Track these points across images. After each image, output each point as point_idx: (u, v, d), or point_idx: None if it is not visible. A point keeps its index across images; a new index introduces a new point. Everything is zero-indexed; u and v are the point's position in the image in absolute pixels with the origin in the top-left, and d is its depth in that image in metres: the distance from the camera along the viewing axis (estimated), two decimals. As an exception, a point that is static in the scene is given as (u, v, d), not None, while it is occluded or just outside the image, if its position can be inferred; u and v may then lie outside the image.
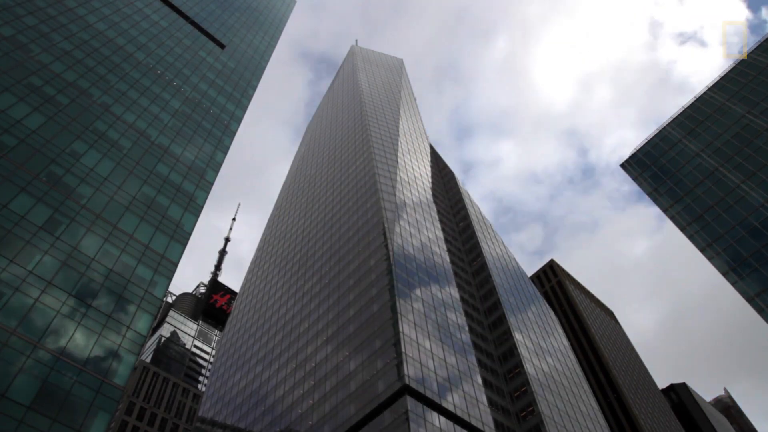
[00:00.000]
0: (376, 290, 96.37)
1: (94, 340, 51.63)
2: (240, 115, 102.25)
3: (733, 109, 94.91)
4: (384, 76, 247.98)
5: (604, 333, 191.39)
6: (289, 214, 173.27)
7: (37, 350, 47.38)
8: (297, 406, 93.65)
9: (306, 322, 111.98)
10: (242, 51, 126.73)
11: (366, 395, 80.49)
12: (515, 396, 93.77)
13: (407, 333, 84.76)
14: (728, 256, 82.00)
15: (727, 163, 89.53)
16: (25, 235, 53.92)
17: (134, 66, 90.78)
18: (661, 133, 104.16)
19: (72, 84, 75.58)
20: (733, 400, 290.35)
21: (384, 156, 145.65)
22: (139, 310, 57.11)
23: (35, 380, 46.06)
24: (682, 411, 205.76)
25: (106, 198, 64.75)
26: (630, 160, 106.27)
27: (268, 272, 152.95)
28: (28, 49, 74.37)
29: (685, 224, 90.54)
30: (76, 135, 68.67)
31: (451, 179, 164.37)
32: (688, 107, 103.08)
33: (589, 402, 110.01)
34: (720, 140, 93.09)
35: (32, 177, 59.33)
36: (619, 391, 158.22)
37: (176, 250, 66.69)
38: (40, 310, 50.07)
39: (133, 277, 59.38)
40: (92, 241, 59.02)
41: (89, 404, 47.68)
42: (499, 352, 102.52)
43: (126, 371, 52.28)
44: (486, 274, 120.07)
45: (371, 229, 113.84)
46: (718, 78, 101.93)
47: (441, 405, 77.74)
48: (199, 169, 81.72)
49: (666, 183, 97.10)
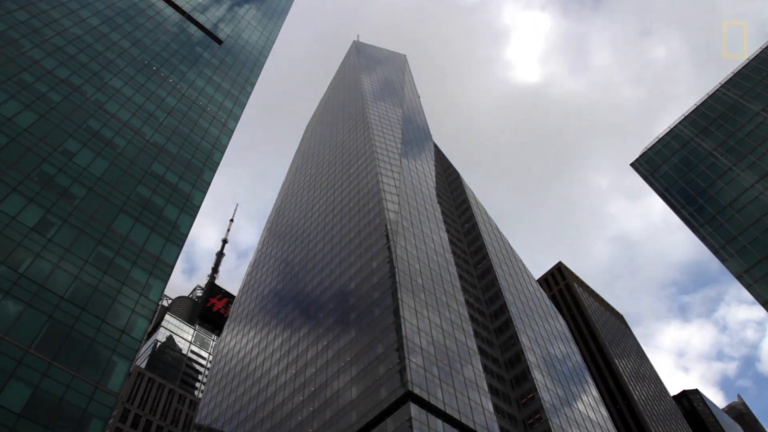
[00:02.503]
0: (378, 294, 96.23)
1: (87, 345, 51.52)
2: (238, 113, 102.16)
3: (747, 107, 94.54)
4: (386, 73, 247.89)
5: (614, 338, 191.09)
6: (289, 214, 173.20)
7: (29, 356, 47.27)
8: (297, 413, 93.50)
9: (306, 327, 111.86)
10: (240, 47, 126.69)
11: (368, 402, 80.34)
12: (522, 403, 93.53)
13: (410, 338, 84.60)
14: (742, 258, 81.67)
15: (740, 162, 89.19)
16: (16, 236, 53.83)
17: (129, 62, 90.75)
18: (672, 132, 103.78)
19: (64, 81, 75.53)
20: (747, 406, 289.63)
21: (386, 155, 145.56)
22: (133, 314, 56.98)
23: (26, 386, 45.94)
24: (694, 418, 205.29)
25: (99, 198, 64.66)
26: (641, 159, 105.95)
27: (266, 275, 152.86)
28: (19, 45, 74.34)
29: (698, 225, 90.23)
30: (68, 133, 68.61)
31: (455, 179, 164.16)
32: (700, 105, 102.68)
33: (598, 409, 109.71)
34: (733, 139, 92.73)
35: (24, 177, 59.26)
36: (629, 397, 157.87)
37: (172, 252, 66.57)
38: (33, 315, 49.94)
39: (128, 280, 59.28)
40: (85, 242, 58.92)
41: (82, 411, 47.55)
42: (506, 357, 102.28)
43: (120, 377, 52.12)
44: (492, 277, 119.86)
45: (373, 231, 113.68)
46: (732, 75, 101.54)
47: (445, 412, 77.59)
48: (196, 169, 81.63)
49: (678, 183, 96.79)
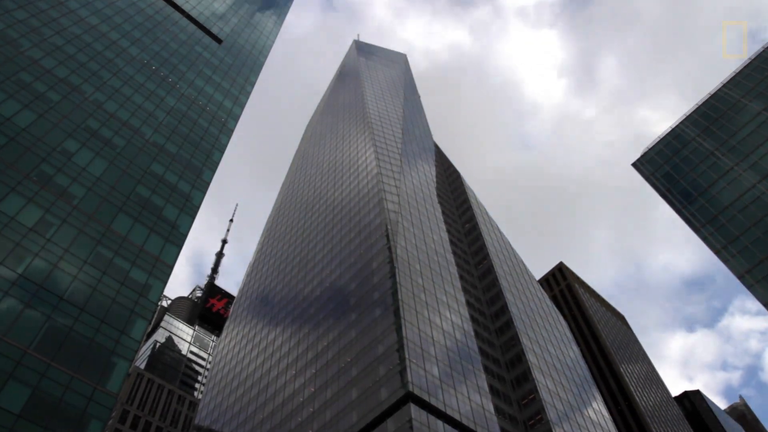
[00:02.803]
0: (379, 294, 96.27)
1: (86, 346, 51.59)
2: (238, 113, 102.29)
3: (749, 106, 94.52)
4: (387, 72, 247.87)
5: (615, 338, 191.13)
6: (289, 214, 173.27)
7: (28, 356, 47.34)
8: (297, 414, 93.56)
9: (306, 327, 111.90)
10: (240, 46, 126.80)
11: (368, 403, 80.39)
12: (523, 404, 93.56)
13: (411, 338, 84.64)
14: (744, 259, 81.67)
15: (742, 162, 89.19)
16: (15, 237, 53.91)
17: (128, 62, 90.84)
18: (674, 131, 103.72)
19: (63, 80, 75.62)
20: (749, 407, 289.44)
21: (387, 155, 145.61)
22: (133, 315, 57.06)
23: (25, 387, 46.02)
24: (695, 419, 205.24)
25: (99, 198, 64.75)
26: (642, 159, 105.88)
27: (266, 275, 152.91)
28: (18, 44, 74.44)
29: (699, 225, 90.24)
30: (67, 133, 68.69)
31: (456, 179, 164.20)
32: (702, 104, 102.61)
33: (599, 409, 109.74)
34: (735, 138, 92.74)
35: (22, 177, 59.34)
36: (630, 398, 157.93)
37: (171, 252, 66.68)
38: (31, 316, 50.04)
39: (127, 280, 59.36)
40: (85, 243, 59.00)
41: (81, 412, 47.64)
42: (507, 358, 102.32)
43: (119, 378, 52.21)
44: (493, 278, 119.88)
45: (374, 231, 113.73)
46: (734, 74, 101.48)
47: (446, 413, 77.61)
48: (196, 169, 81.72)
49: (679, 183, 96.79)
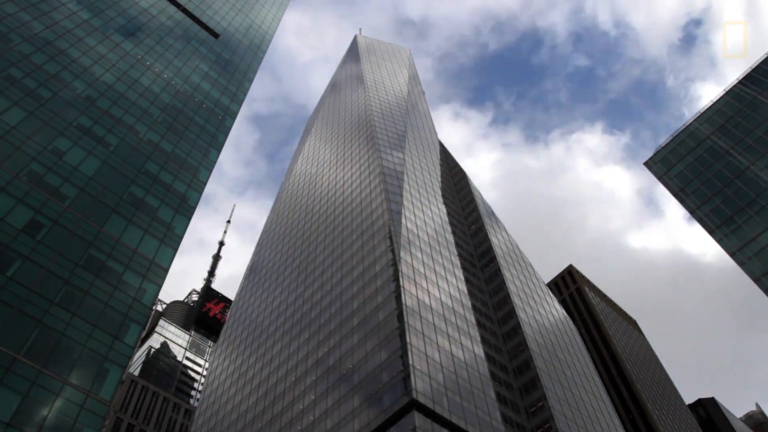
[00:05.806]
0: (382, 298, 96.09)
1: (78, 352, 51.43)
2: (235, 110, 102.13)
3: (765, 104, 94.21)
4: (390, 68, 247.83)
5: (627, 344, 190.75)
6: (289, 216, 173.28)
7: (18, 362, 47.20)
8: (297, 421, 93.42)
9: (306, 332, 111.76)
10: (238, 41, 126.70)
11: (370, 411, 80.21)
12: (531, 412, 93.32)
13: (415, 344, 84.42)
14: (760, 261, 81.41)
15: (759, 161, 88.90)
16: (5, 238, 53.77)
17: (121, 57, 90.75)
18: (687, 129, 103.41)
19: (54, 76, 75.51)
20: (765, 415, 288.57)
21: (390, 154, 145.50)
22: (126, 320, 56.85)
23: (15, 395, 45.85)
24: (710, 427, 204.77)
25: (91, 199, 64.59)
26: (654, 158, 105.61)
27: (265, 278, 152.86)
28: (7, 39, 74.35)
29: (713, 227, 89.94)
30: (58, 131, 68.57)
31: (462, 179, 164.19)
32: (717, 101, 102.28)
33: (610, 417, 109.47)
34: (751, 137, 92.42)
35: (12, 176, 59.20)
36: (642, 405, 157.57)
37: (167, 254, 66.47)
38: (21, 320, 49.89)
39: (120, 283, 59.18)
40: (76, 245, 58.85)
41: (73, 421, 47.47)
42: (514, 365, 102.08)
43: (112, 385, 52.00)
44: (500, 281, 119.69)
45: (376, 233, 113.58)
46: (749, 70, 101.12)
47: (451, 421, 77.38)
48: (192, 168, 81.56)
49: (693, 183, 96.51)
